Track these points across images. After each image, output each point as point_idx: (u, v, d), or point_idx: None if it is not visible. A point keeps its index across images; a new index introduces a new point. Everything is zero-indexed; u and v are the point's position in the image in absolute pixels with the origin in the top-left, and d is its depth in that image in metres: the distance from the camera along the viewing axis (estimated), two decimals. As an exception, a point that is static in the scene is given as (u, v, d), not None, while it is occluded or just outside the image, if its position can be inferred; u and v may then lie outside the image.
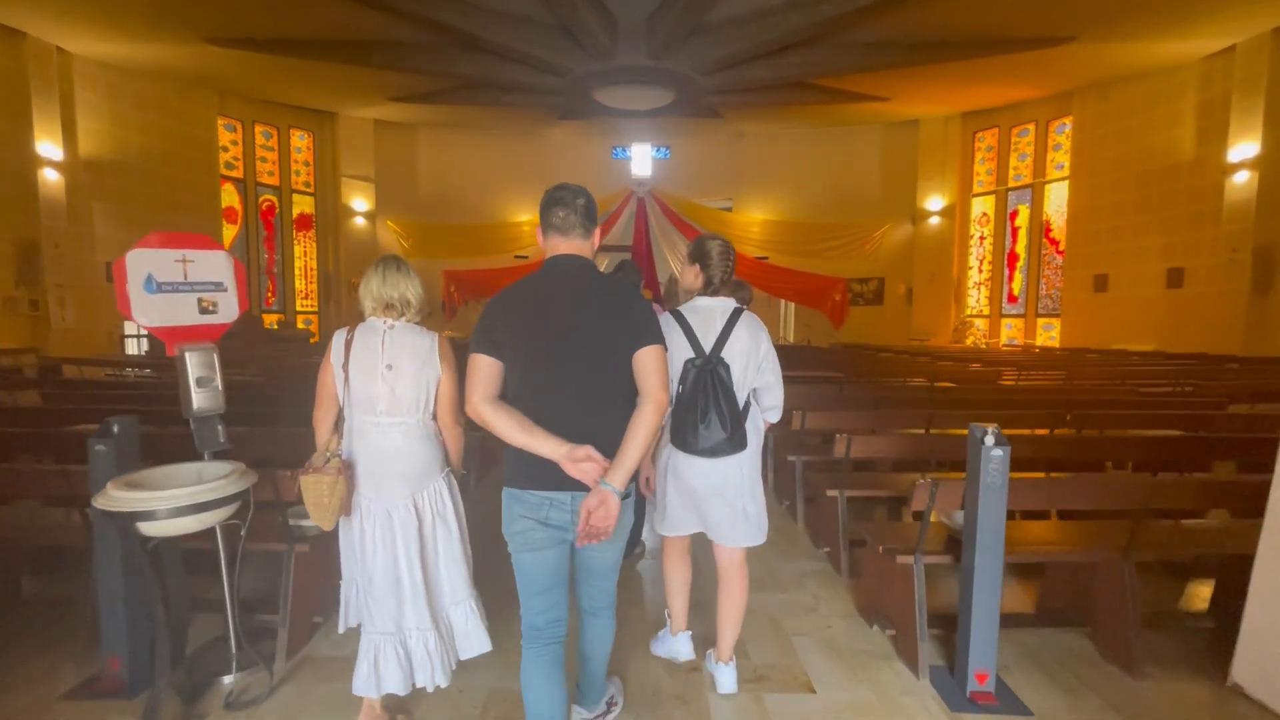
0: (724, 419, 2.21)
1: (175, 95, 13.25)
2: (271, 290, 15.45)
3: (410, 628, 2.17)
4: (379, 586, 2.15)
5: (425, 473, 2.21)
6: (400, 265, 2.27)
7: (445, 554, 2.25)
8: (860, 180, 17.33)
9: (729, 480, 2.34)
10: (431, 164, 17.54)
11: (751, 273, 17.52)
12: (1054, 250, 14.52)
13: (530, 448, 1.76)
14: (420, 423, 2.20)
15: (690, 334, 2.31)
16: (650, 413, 1.76)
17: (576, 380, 1.81)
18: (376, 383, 2.15)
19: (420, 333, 2.25)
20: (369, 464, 2.17)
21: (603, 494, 1.69)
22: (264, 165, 15.09)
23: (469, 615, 2.29)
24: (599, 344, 1.81)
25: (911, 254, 16.71)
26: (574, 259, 1.91)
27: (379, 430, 2.16)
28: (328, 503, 2.10)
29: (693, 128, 17.49)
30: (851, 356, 9.88)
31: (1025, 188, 14.99)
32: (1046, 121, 14.55)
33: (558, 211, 1.90)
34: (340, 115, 15.80)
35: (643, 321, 1.83)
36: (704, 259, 2.41)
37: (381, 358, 2.16)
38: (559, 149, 18.29)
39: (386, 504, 2.16)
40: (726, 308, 2.38)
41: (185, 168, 13.38)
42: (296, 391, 5.61)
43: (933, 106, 15.29)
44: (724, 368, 2.27)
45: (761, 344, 2.38)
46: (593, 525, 1.70)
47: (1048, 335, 14.71)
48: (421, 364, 2.19)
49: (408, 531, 2.16)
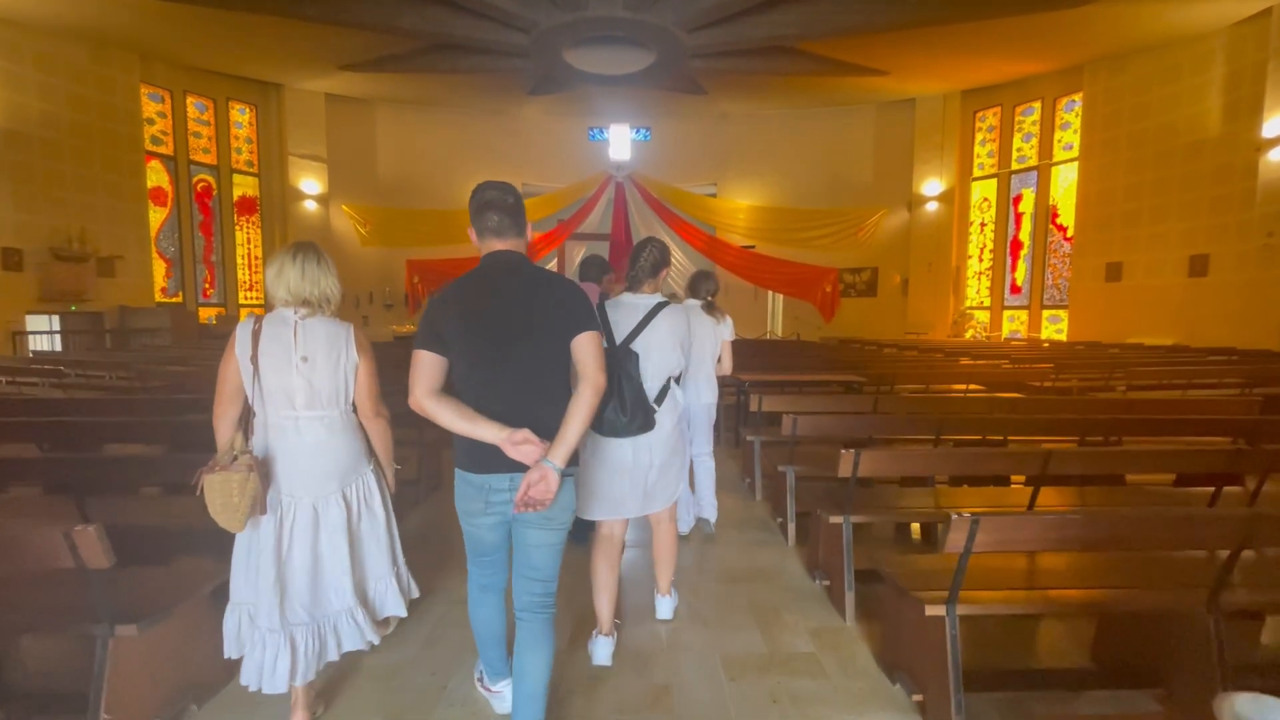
0: (624, 404, 2.30)
1: (89, 58, 11.43)
2: (210, 281, 13.68)
3: (336, 612, 2.12)
4: (298, 585, 2.06)
5: (353, 465, 2.16)
6: (321, 259, 2.13)
7: (369, 541, 2.21)
8: (852, 164, 15.97)
9: (639, 460, 2.45)
10: (392, 144, 15.84)
11: (737, 263, 16.13)
12: (1061, 237, 13.28)
13: (473, 435, 1.83)
14: (342, 415, 2.14)
15: (605, 326, 2.41)
16: (588, 394, 1.84)
17: (515, 368, 1.88)
18: (291, 376, 2.02)
19: (334, 323, 2.14)
20: (291, 461, 2.07)
21: (543, 470, 1.77)
22: (198, 141, 13.29)
23: (387, 589, 2.26)
24: (535, 333, 1.88)
25: (907, 242, 15.41)
26: (510, 254, 1.95)
27: (299, 426, 2.06)
28: (238, 502, 1.95)
29: (674, 107, 16.00)
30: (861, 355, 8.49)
31: (1030, 170, 13.73)
32: (1054, 98, 13.27)
33: (491, 216, 1.91)
34: (286, 87, 14.03)
35: (577, 310, 1.90)
36: (631, 260, 2.60)
37: (295, 350, 2.03)
38: (531, 130, 16.69)
39: (313, 500, 2.08)
40: (649, 303, 2.50)
41: (102, 141, 11.58)
42: (159, 405, 4.06)
43: (931, 83, 13.95)
44: (631, 358, 2.36)
45: (681, 331, 2.53)
46: (531, 495, 1.78)
47: (1054, 329, 13.49)
48: (338, 355, 2.09)
49: (335, 524, 2.10)
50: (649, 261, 2.60)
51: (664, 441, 2.49)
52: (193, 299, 13.29)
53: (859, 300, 16.09)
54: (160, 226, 12.76)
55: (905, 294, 15.54)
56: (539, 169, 16.84)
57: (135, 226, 12.13)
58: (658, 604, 2.95)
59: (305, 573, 2.06)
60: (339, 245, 15.18)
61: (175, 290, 13.04)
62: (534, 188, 16.90)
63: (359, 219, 15.09)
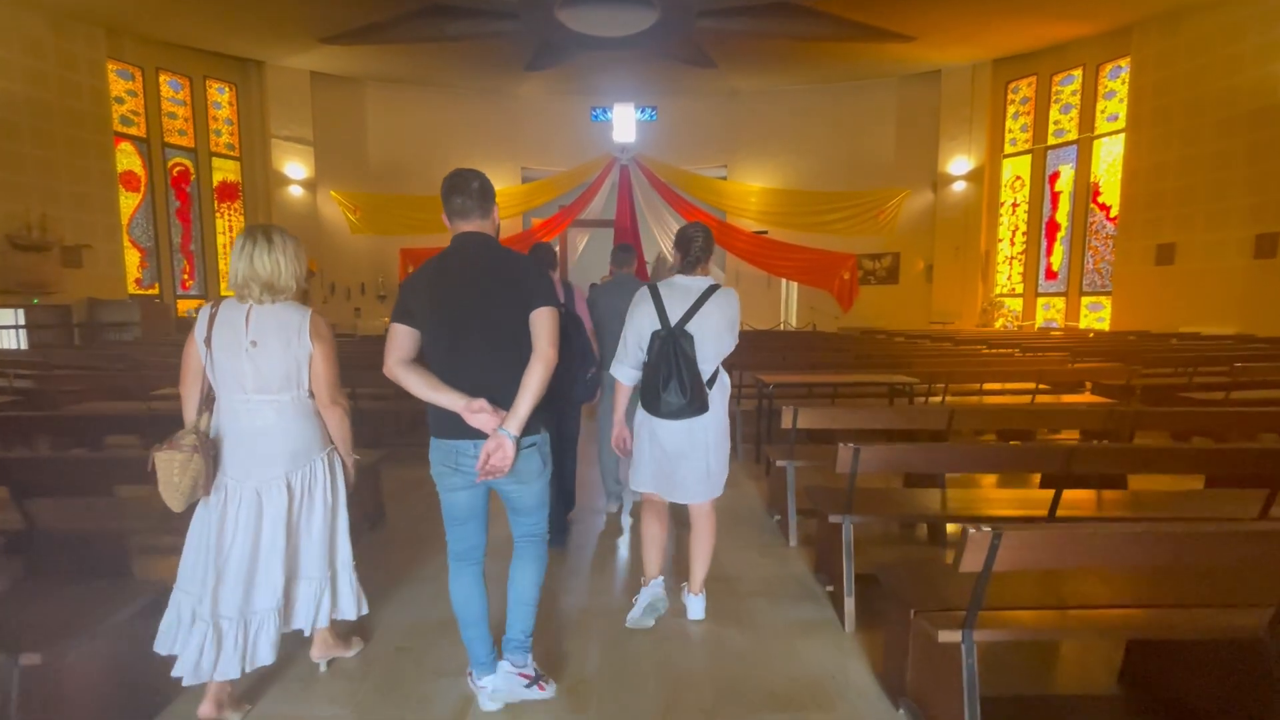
0: (684, 386, 2.29)
1: (49, 30, 10.38)
2: (188, 271, 12.67)
3: (265, 608, 2.02)
4: (234, 572, 1.99)
5: (302, 451, 2.08)
6: (273, 244, 2.01)
7: (304, 533, 2.12)
8: (872, 142, 14.68)
9: (695, 440, 2.43)
10: (383, 126, 14.71)
11: (749, 249, 14.92)
12: (1104, 217, 11.97)
13: (436, 402, 1.92)
14: (294, 400, 2.07)
15: (660, 307, 2.38)
16: (538, 368, 1.89)
17: (475, 342, 1.94)
18: (241, 360, 1.98)
19: (291, 308, 2.05)
20: (239, 444, 2.03)
21: (499, 439, 1.86)
22: (174, 122, 12.23)
23: (309, 591, 2.13)
24: (494, 309, 1.93)
25: (932, 225, 14.13)
26: (474, 236, 2.00)
27: (249, 409, 2.02)
28: (178, 482, 1.93)
29: (682, 84, 14.76)
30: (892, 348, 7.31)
31: (1069, 145, 12.39)
32: (1096, 65, 11.92)
33: (455, 199, 1.98)
34: (268, 65, 12.93)
35: (534, 287, 1.94)
36: (686, 244, 2.51)
37: (246, 334, 1.98)
38: (530, 110, 15.51)
39: (257, 485, 2.02)
40: (701, 285, 2.45)
41: (65, 121, 10.54)
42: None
43: (960, 50, 12.62)
44: (687, 339, 2.34)
45: (731, 314, 2.45)
46: (491, 464, 1.87)
47: (1094, 317, 12.21)
48: (288, 341, 2.01)
49: (277, 512, 2.03)
50: (703, 245, 2.51)
51: (717, 423, 2.46)
52: (170, 290, 12.28)
53: (879, 288, 14.85)
54: (133, 213, 11.73)
55: (929, 281, 14.28)
56: (539, 152, 15.68)
57: (104, 213, 11.11)
58: (689, 604, 2.71)
59: (243, 563, 2.00)
60: (328, 233, 14.14)
61: (151, 281, 12.04)
62: (534, 172, 15.76)
63: (348, 205, 14.00)
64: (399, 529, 3.76)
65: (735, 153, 15.66)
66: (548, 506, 2.13)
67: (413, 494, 4.35)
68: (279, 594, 2.03)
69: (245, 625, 1.99)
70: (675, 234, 2.59)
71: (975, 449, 2.41)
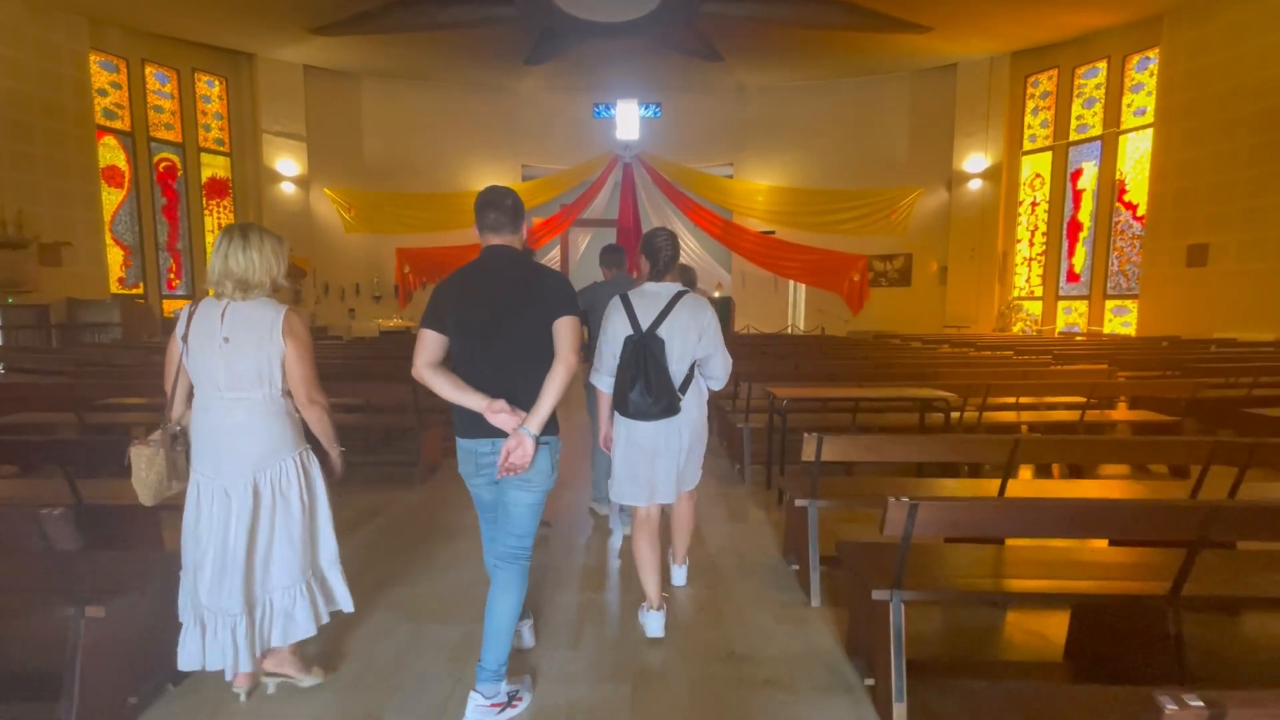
0: (649, 386, 2.34)
1: (28, 20, 9.85)
2: (175, 270, 12.12)
3: (221, 610, 1.97)
4: (210, 568, 1.97)
5: (270, 451, 2.01)
6: (247, 239, 1.98)
7: (280, 536, 2.04)
8: (884, 139, 14.00)
9: (670, 443, 2.46)
10: (379, 122, 14.14)
11: (755, 250, 14.27)
12: (1130, 216, 11.25)
13: (461, 403, 1.99)
14: (266, 399, 2.01)
15: (631, 314, 2.43)
16: (559, 370, 1.98)
17: (500, 347, 2.02)
18: (215, 356, 1.95)
19: (265, 305, 2.00)
20: (207, 441, 1.99)
21: (520, 437, 1.93)
22: (160, 116, 11.69)
23: (297, 599, 2.06)
24: (519, 317, 2.02)
25: (946, 225, 13.44)
26: (504, 249, 2.09)
27: (223, 406, 1.98)
28: (145, 476, 1.98)
29: (687, 80, 14.13)
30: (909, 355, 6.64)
31: (1093, 141, 11.69)
32: (1123, 57, 11.22)
33: (489, 214, 2.07)
34: (259, 58, 12.37)
35: (557, 298, 2.04)
36: (653, 253, 2.53)
37: (220, 330, 1.95)
38: (530, 106, 14.90)
39: (225, 483, 1.98)
40: (669, 291, 2.48)
41: (43, 114, 10.01)
42: None
43: (978, 42, 11.94)
44: (657, 343, 2.38)
45: (703, 322, 2.46)
46: (511, 461, 1.94)
47: (1119, 322, 11.50)
48: (261, 338, 1.97)
49: (242, 512, 1.98)
50: (670, 252, 2.53)
51: (690, 425, 2.49)
52: (155, 290, 11.74)
53: (891, 290, 14.16)
54: (116, 210, 11.19)
55: (943, 283, 13.58)
56: (539, 149, 15.08)
57: (85, 209, 10.57)
58: (673, 573, 2.91)
59: (214, 559, 1.97)
60: (321, 232, 13.58)
61: (135, 280, 11.49)
62: (534, 169, 15.16)
63: (343, 203, 13.44)
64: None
65: (742, 150, 15.02)
66: (535, 528, 2.14)
67: (364, 526, 3.74)
68: (239, 602, 1.96)
69: (221, 622, 1.97)
70: (641, 241, 2.60)
71: (1080, 510, 1.76)
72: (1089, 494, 2.89)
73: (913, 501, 1.68)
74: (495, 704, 2.02)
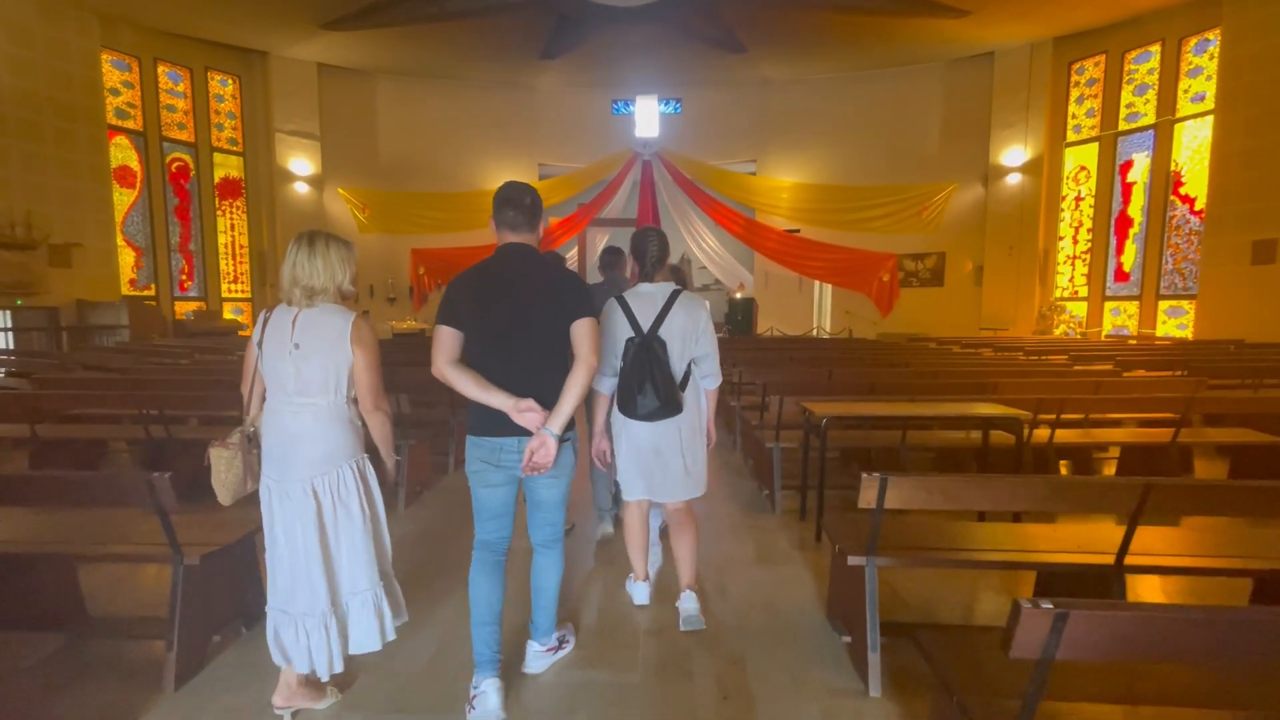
0: (658, 388, 2.34)
1: (39, 18, 9.61)
2: (187, 271, 11.84)
3: (301, 613, 1.98)
4: (284, 570, 2.00)
5: (328, 457, 2.01)
6: (314, 245, 2.00)
7: (346, 542, 2.04)
8: (915, 133, 13.20)
9: (670, 440, 2.46)
10: (394, 120, 13.74)
11: (779, 249, 13.57)
12: (1187, 210, 10.34)
13: (486, 401, 1.97)
14: (332, 405, 2.01)
15: (630, 316, 2.42)
16: (581, 372, 1.99)
17: (521, 346, 2.00)
18: (285, 362, 1.97)
19: (336, 313, 2.00)
20: (274, 443, 2.02)
21: (543, 437, 1.94)
22: (173, 116, 11.41)
23: (363, 607, 2.05)
24: (539, 317, 2.00)
25: (982, 222, 12.61)
26: (521, 247, 2.07)
27: (291, 410, 2.00)
28: (224, 478, 2.01)
29: (709, 74, 13.51)
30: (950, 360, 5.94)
31: (1145, 130, 10.79)
32: (1178, 39, 10.32)
33: (508, 211, 2.04)
34: (272, 55, 12.05)
35: (576, 298, 2.03)
36: (641, 254, 2.53)
37: (291, 336, 1.98)
38: (547, 103, 14.40)
39: (289, 487, 2.00)
40: (665, 291, 2.47)
41: (54, 113, 9.76)
42: None
43: (1017, 27, 11.12)
44: (659, 344, 2.38)
45: (699, 321, 2.47)
46: (535, 461, 1.95)
47: (1174, 324, 10.59)
48: (331, 346, 1.98)
49: (304, 515, 2.00)
50: (657, 251, 2.52)
51: (689, 421, 2.48)
52: (167, 291, 11.46)
53: (922, 291, 13.35)
54: (128, 211, 10.93)
55: (979, 283, 12.75)
56: (557, 147, 14.56)
57: (96, 210, 10.31)
58: (682, 601, 2.59)
59: (285, 560, 1.99)
60: (334, 232, 12.97)
61: (147, 282, 11.22)
62: (551, 168, 14.65)
63: (357, 203, 13.06)
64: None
65: (765, 146, 14.33)
66: (566, 507, 2.19)
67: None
68: (325, 601, 1.98)
69: (295, 625, 1.97)
70: (631, 241, 2.60)
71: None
72: (1232, 546, 2.23)
73: (1058, 610, 1.06)
74: (549, 649, 2.26)
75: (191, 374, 5.65)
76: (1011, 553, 2.22)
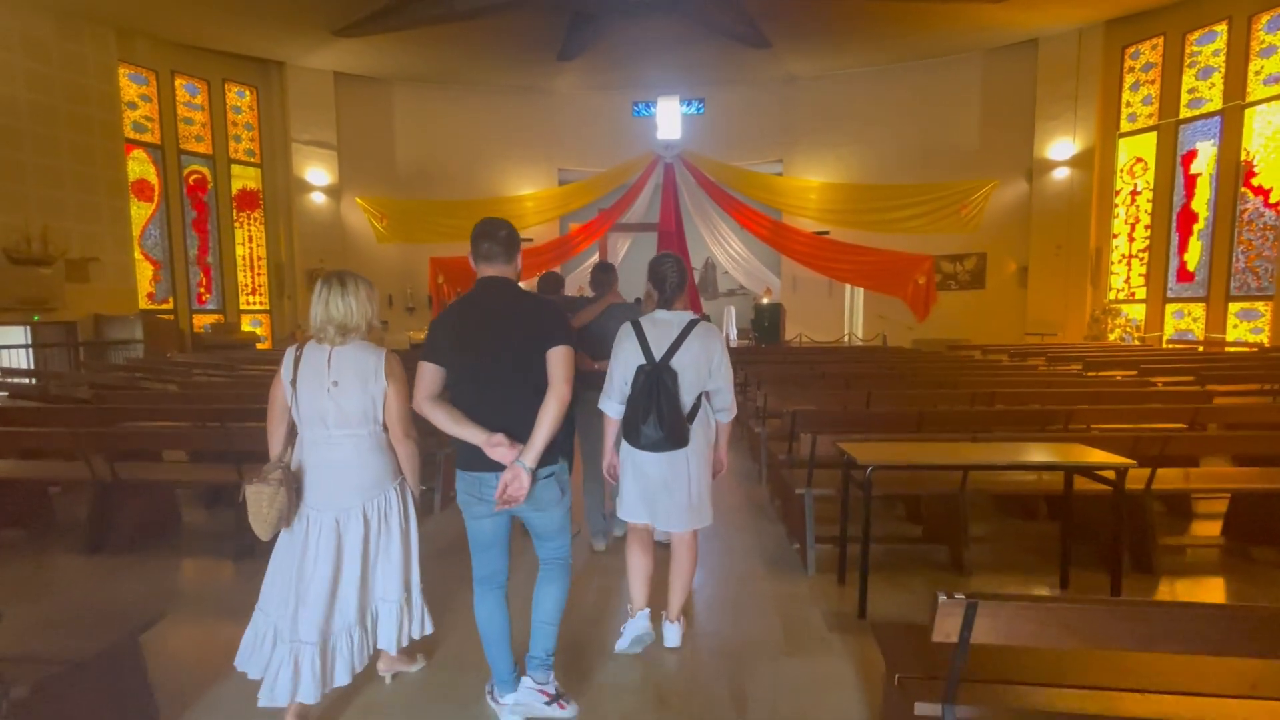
0: (661, 419, 2.28)
1: (55, 33, 9.49)
2: (205, 285, 11.66)
3: (339, 630, 2.05)
4: (314, 596, 2.02)
5: (376, 482, 2.13)
6: (345, 286, 2.06)
7: (383, 557, 2.15)
8: (953, 127, 12.36)
9: (677, 471, 2.39)
10: (411, 128, 13.44)
11: (807, 251, 12.84)
12: (1261, 203, 9.31)
13: (461, 436, 1.97)
14: (371, 434, 2.11)
15: (644, 343, 2.37)
16: (552, 403, 1.94)
17: (495, 379, 1.99)
18: (324, 399, 2.05)
19: (367, 350, 2.10)
20: (318, 476, 2.08)
21: (515, 470, 1.91)
22: (190, 128, 11.25)
23: (390, 613, 2.16)
24: (514, 349, 1.99)
25: (1027, 220, 11.69)
26: (497, 280, 2.07)
27: (330, 443, 2.07)
28: (266, 513, 2.01)
29: (732, 73, 12.89)
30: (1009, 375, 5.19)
31: (1210, 117, 9.79)
32: (1248, 16, 9.31)
33: (484, 244, 2.05)
34: (289, 65, 11.83)
35: (550, 327, 2.01)
36: (660, 280, 2.46)
37: (328, 375, 2.05)
38: (566, 107, 13.93)
39: (336, 514, 2.07)
40: (682, 320, 2.41)
41: (71, 128, 9.63)
42: None
43: (1063, 10, 10.23)
44: (670, 374, 2.32)
45: (714, 354, 2.40)
46: (508, 494, 1.92)
47: (1247, 328, 9.55)
48: (366, 381, 2.07)
49: (354, 540, 2.08)
50: (676, 278, 2.45)
51: (697, 454, 2.40)
52: (185, 305, 11.29)
53: (961, 294, 12.47)
54: (145, 224, 10.78)
55: (1023, 285, 11.83)
56: (576, 151, 14.09)
57: (113, 224, 10.16)
58: (666, 631, 2.57)
59: (324, 588, 2.02)
60: (353, 243, 12.95)
61: (165, 295, 11.06)
62: (571, 173, 14.18)
63: (374, 213, 12.76)
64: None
65: (792, 145, 13.63)
66: (569, 533, 2.16)
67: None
68: (354, 614, 2.05)
69: (323, 649, 2.00)
70: (648, 268, 2.51)
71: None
72: None
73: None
74: (544, 691, 2.09)
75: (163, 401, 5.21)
76: (1166, 697, 1.52)
